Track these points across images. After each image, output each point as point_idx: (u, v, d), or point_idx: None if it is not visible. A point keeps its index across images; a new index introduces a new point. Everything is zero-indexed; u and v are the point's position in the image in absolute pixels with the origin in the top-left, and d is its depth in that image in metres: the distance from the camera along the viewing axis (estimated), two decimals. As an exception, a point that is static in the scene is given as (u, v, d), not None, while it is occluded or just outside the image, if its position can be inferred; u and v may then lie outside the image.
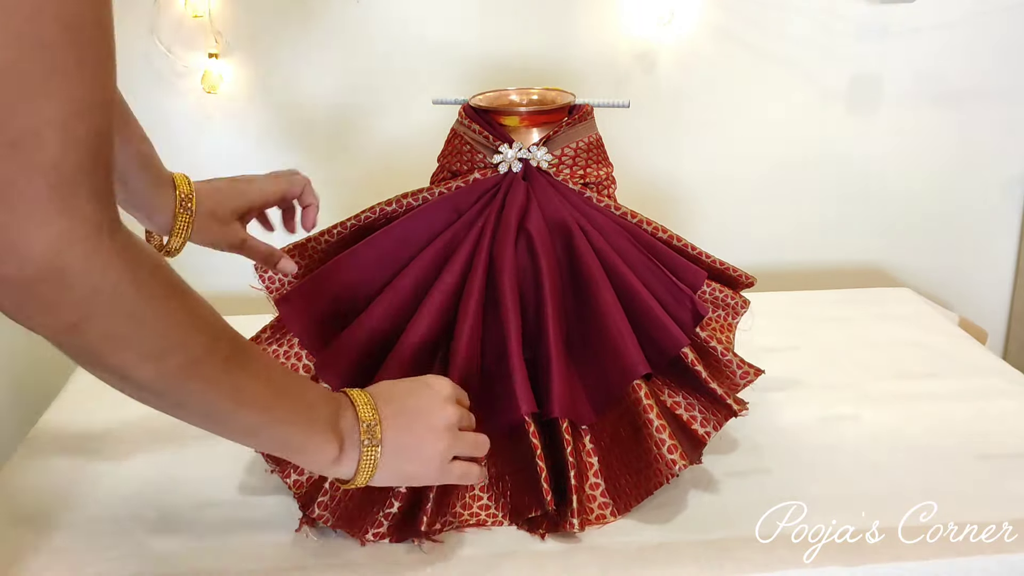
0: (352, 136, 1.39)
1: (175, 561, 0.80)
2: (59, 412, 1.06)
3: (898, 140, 1.46)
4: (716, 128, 1.43)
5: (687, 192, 1.47)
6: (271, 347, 0.94)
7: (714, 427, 0.88)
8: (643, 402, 0.83)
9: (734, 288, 1.00)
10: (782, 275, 1.52)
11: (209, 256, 1.43)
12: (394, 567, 0.79)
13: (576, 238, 0.89)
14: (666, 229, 0.95)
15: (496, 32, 1.34)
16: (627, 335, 0.85)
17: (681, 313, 0.90)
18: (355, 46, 1.34)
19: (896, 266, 1.54)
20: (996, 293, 1.57)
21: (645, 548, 0.80)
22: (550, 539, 0.82)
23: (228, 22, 1.31)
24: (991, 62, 1.43)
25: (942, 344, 1.19)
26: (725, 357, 0.92)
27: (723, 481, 0.89)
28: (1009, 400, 1.04)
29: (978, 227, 1.53)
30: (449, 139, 0.99)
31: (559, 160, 0.94)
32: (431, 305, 0.87)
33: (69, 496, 0.90)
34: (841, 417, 1.01)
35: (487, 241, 0.89)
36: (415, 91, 1.35)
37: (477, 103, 0.96)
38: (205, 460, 0.95)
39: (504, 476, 0.86)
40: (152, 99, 1.34)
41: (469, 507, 0.85)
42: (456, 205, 0.92)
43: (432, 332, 0.87)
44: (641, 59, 1.37)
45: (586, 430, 0.86)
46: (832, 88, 1.42)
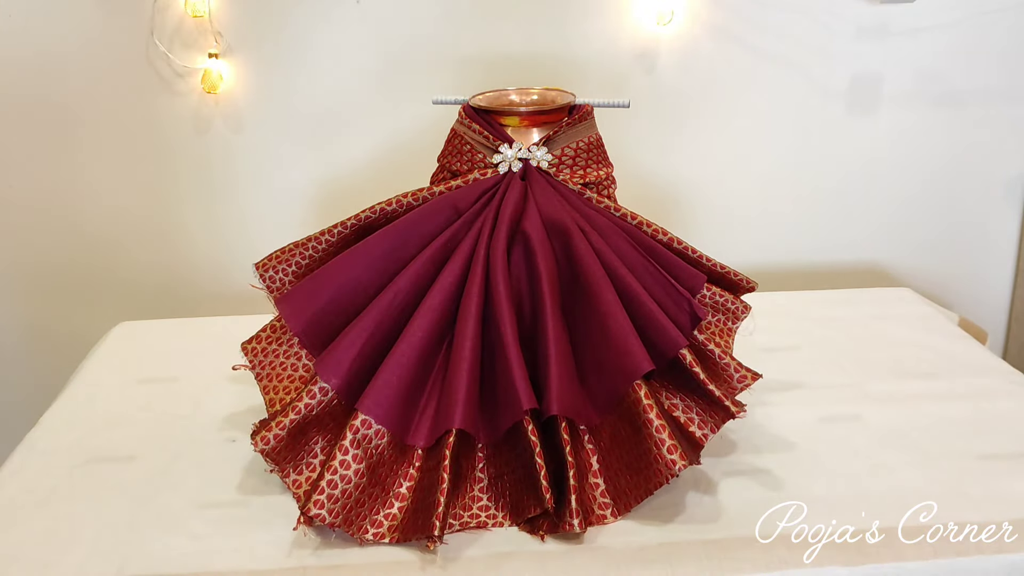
0: (352, 136, 1.39)
1: (175, 561, 0.80)
2: (59, 412, 1.06)
3: (898, 140, 1.46)
4: (716, 128, 1.43)
5: (687, 192, 1.47)
6: (271, 346, 0.94)
7: (711, 429, 0.88)
8: (643, 402, 0.83)
9: (735, 292, 1.00)
10: (782, 275, 1.52)
11: (210, 256, 1.43)
12: (394, 567, 0.79)
13: (575, 239, 0.89)
14: (666, 232, 0.95)
15: (496, 32, 1.34)
16: (630, 334, 0.85)
17: (679, 316, 0.90)
18: (355, 46, 1.34)
19: (896, 266, 1.54)
20: (996, 293, 1.57)
21: (646, 548, 0.80)
22: (550, 540, 0.82)
23: (228, 22, 1.31)
24: (991, 62, 1.43)
25: (942, 344, 1.19)
26: (723, 361, 0.92)
27: (723, 481, 0.89)
28: (1009, 400, 1.04)
29: (978, 227, 1.53)
30: (449, 139, 0.99)
31: (559, 160, 0.94)
32: (431, 304, 0.87)
33: (69, 496, 0.90)
34: (841, 417, 1.01)
35: (486, 240, 0.89)
36: (415, 91, 1.36)
37: (477, 103, 0.96)
38: (205, 460, 0.95)
39: (503, 476, 0.86)
40: (152, 99, 1.34)
41: (469, 508, 0.85)
42: (455, 204, 0.93)
43: (433, 332, 0.87)
44: (641, 59, 1.37)
45: (584, 430, 0.86)
46: (832, 88, 1.42)
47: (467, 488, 0.86)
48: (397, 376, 0.85)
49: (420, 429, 0.85)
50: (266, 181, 1.40)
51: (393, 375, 0.85)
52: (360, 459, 0.83)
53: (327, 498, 0.81)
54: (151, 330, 1.29)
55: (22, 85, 1.32)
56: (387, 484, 0.84)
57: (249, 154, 1.38)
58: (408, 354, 0.86)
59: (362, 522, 0.82)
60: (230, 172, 1.39)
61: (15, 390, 1.47)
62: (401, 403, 0.85)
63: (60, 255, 1.41)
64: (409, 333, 0.86)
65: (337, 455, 0.82)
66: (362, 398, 0.84)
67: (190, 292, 1.45)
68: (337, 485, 0.82)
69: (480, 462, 0.87)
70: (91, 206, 1.39)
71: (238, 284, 1.46)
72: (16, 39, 1.29)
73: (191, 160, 1.38)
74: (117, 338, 1.26)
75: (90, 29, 1.30)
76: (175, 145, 1.37)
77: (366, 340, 0.88)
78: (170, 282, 1.44)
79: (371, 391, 0.85)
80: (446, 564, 0.79)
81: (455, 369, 0.85)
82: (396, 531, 0.81)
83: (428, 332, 0.87)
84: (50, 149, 1.35)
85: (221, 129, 1.37)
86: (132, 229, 1.41)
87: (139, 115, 1.35)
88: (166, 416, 1.04)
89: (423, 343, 0.87)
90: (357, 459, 0.83)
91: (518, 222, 0.91)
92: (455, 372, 0.84)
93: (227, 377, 1.11)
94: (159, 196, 1.39)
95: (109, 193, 1.38)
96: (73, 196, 1.38)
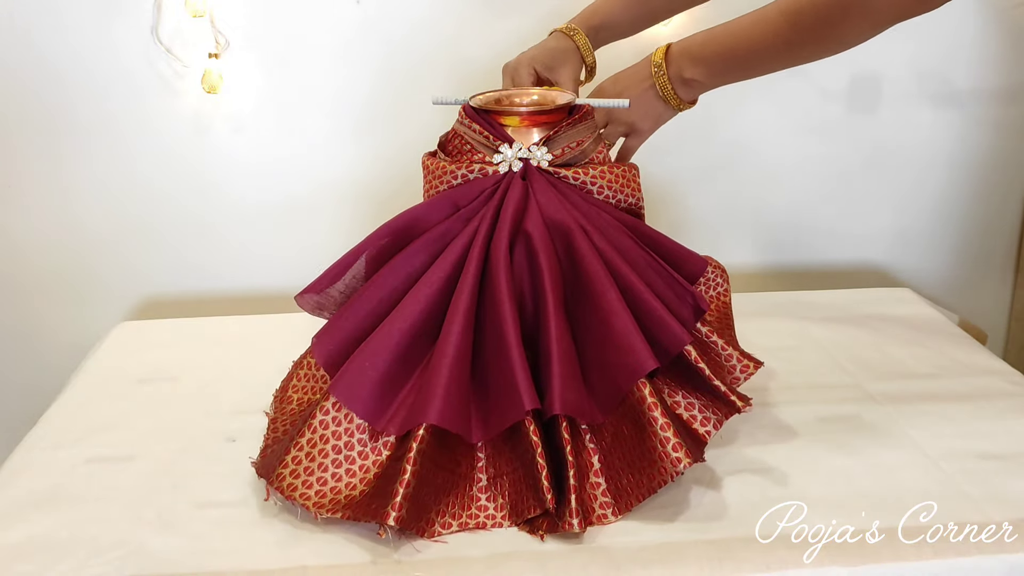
0: (352, 136, 1.39)
1: (175, 561, 0.80)
2: (59, 412, 1.06)
3: (898, 140, 1.46)
4: (715, 127, 1.43)
5: (686, 191, 1.47)
6: None
7: (715, 426, 0.88)
8: (647, 400, 0.83)
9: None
10: (782, 275, 1.52)
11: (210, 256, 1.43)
12: (394, 567, 0.79)
13: (576, 238, 0.89)
14: None
15: (496, 32, 1.34)
16: (633, 332, 0.85)
17: (682, 310, 0.90)
18: (355, 46, 1.34)
19: (896, 266, 1.54)
20: (996, 293, 1.57)
21: (646, 548, 0.80)
22: (551, 539, 0.82)
23: (228, 22, 1.31)
24: (991, 62, 1.43)
25: (942, 344, 1.19)
26: (725, 352, 0.92)
27: (723, 481, 0.89)
28: (1009, 400, 1.04)
29: (978, 227, 1.53)
30: (449, 138, 0.99)
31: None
32: (418, 297, 0.88)
33: (69, 496, 0.90)
34: (841, 417, 1.01)
35: (482, 238, 0.89)
36: (415, 91, 1.36)
37: (477, 103, 0.96)
38: (205, 460, 0.95)
39: (503, 476, 0.86)
40: (152, 99, 1.34)
41: (468, 508, 0.85)
42: (455, 202, 0.93)
43: (419, 325, 0.88)
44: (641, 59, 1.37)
45: (586, 429, 0.86)
46: (832, 88, 1.42)
47: (466, 488, 0.86)
48: (372, 364, 0.86)
49: (395, 419, 0.86)
50: (266, 181, 1.40)
51: (368, 362, 0.86)
52: (327, 439, 0.85)
53: (290, 473, 0.83)
54: (151, 330, 1.29)
55: (22, 85, 1.32)
56: (352, 467, 0.85)
57: (249, 154, 1.38)
58: (387, 343, 0.86)
59: (320, 499, 0.83)
60: (230, 172, 1.39)
61: (15, 390, 1.47)
62: (377, 391, 0.86)
63: (60, 255, 1.41)
64: (390, 323, 0.87)
65: (306, 432, 0.85)
66: (335, 381, 0.86)
67: (190, 292, 1.45)
68: (301, 462, 0.84)
69: (479, 462, 0.87)
70: (91, 206, 1.39)
71: (238, 284, 1.46)
72: (16, 39, 1.29)
73: (191, 160, 1.38)
74: (117, 338, 1.26)
75: (90, 29, 1.30)
76: (175, 145, 1.37)
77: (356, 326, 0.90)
78: (170, 282, 1.44)
79: (344, 375, 0.86)
80: (447, 564, 0.79)
81: (436, 364, 0.85)
82: (349, 508, 0.82)
83: (412, 324, 0.87)
84: (50, 149, 1.35)
85: (221, 129, 1.37)
86: (132, 229, 1.41)
87: (139, 115, 1.35)
88: (166, 416, 1.04)
89: (405, 334, 0.87)
90: (324, 439, 0.85)
91: (520, 222, 0.91)
92: (436, 367, 0.85)
93: (227, 377, 1.11)
94: (159, 196, 1.39)
95: (109, 193, 1.38)
96: (73, 196, 1.38)
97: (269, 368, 1.06)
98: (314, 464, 0.84)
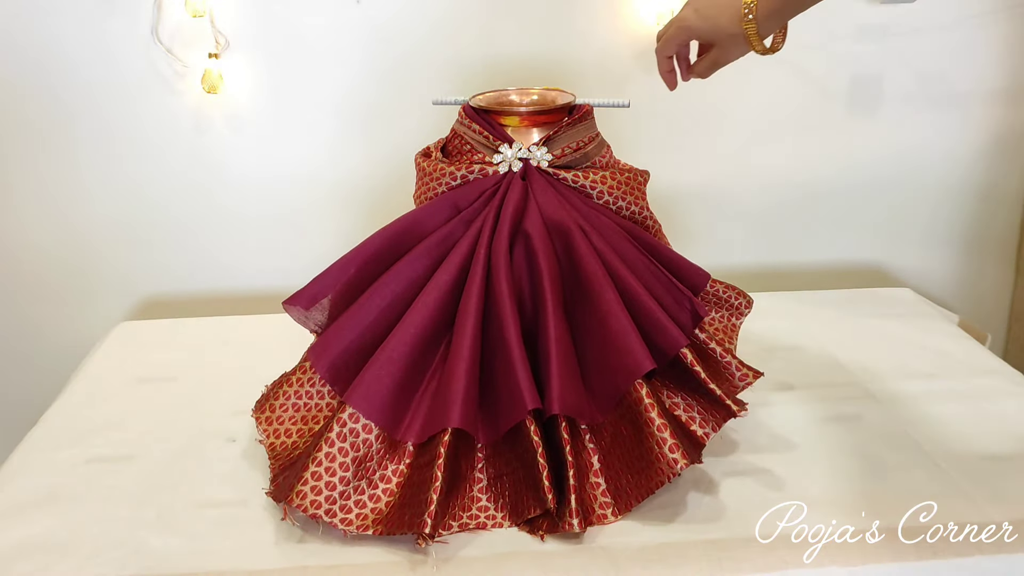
0: (352, 136, 1.39)
1: (175, 561, 0.80)
2: (59, 412, 1.06)
3: (898, 140, 1.46)
4: (716, 128, 1.43)
5: (687, 191, 1.47)
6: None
7: (712, 428, 0.88)
8: (644, 401, 0.83)
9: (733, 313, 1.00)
10: (782, 275, 1.52)
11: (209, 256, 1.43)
12: (395, 567, 0.79)
13: (576, 239, 0.89)
14: None
15: (496, 32, 1.34)
16: (631, 333, 0.85)
17: (680, 315, 0.90)
18: (355, 46, 1.34)
19: (896, 266, 1.54)
20: (996, 293, 1.57)
21: (646, 548, 0.80)
22: (551, 539, 0.82)
23: (228, 22, 1.31)
24: (991, 62, 1.43)
25: (942, 344, 1.19)
26: (724, 359, 0.92)
27: (723, 481, 0.89)
28: (1009, 400, 1.04)
29: (978, 227, 1.53)
30: (449, 139, 0.99)
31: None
32: (426, 301, 0.87)
33: (69, 496, 0.90)
34: (841, 417, 1.01)
35: (486, 240, 0.89)
36: (415, 91, 1.36)
37: (477, 103, 0.96)
38: (205, 460, 0.95)
39: (503, 476, 0.86)
40: (152, 99, 1.34)
41: (468, 508, 0.85)
42: (456, 203, 0.93)
43: (428, 329, 0.87)
44: (641, 59, 1.37)
45: (585, 429, 0.86)
46: (832, 88, 1.42)
47: (466, 488, 0.86)
48: (388, 371, 0.85)
49: (412, 426, 0.85)
50: (266, 181, 1.40)
51: (383, 370, 0.85)
52: (346, 452, 0.83)
53: (311, 489, 0.82)
54: (151, 330, 1.29)
55: (22, 85, 1.32)
56: (373, 478, 0.84)
57: (249, 154, 1.38)
58: (400, 350, 0.86)
59: (347, 515, 0.82)
60: (230, 172, 1.39)
61: (15, 390, 1.47)
62: (392, 398, 0.85)
63: (60, 255, 1.41)
64: (402, 329, 0.87)
65: (323, 447, 0.83)
66: (350, 391, 0.85)
67: (190, 292, 1.45)
68: (321, 477, 0.82)
69: (479, 462, 0.87)
70: (91, 206, 1.39)
71: (238, 284, 1.46)
72: (17, 39, 1.29)
73: (191, 160, 1.38)
74: (117, 338, 1.26)
75: (90, 29, 1.30)
76: (175, 145, 1.37)
77: (359, 335, 0.88)
78: (170, 282, 1.44)
79: (360, 384, 0.85)
80: (448, 564, 0.79)
81: (453, 368, 0.85)
82: (380, 524, 0.81)
83: (422, 329, 0.87)
84: (50, 149, 1.35)
85: (221, 129, 1.37)
86: (132, 229, 1.41)
87: (139, 115, 1.35)
88: (166, 416, 1.04)
89: (416, 340, 0.87)
90: (343, 452, 0.83)
91: (519, 222, 0.91)
92: (453, 371, 0.84)
93: (227, 377, 1.11)
94: (159, 196, 1.39)
95: (109, 193, 1.38)
96: (73, 196, 1.38)
97: (269, 368, 1.06)
98: (335, 479, 0.82)
